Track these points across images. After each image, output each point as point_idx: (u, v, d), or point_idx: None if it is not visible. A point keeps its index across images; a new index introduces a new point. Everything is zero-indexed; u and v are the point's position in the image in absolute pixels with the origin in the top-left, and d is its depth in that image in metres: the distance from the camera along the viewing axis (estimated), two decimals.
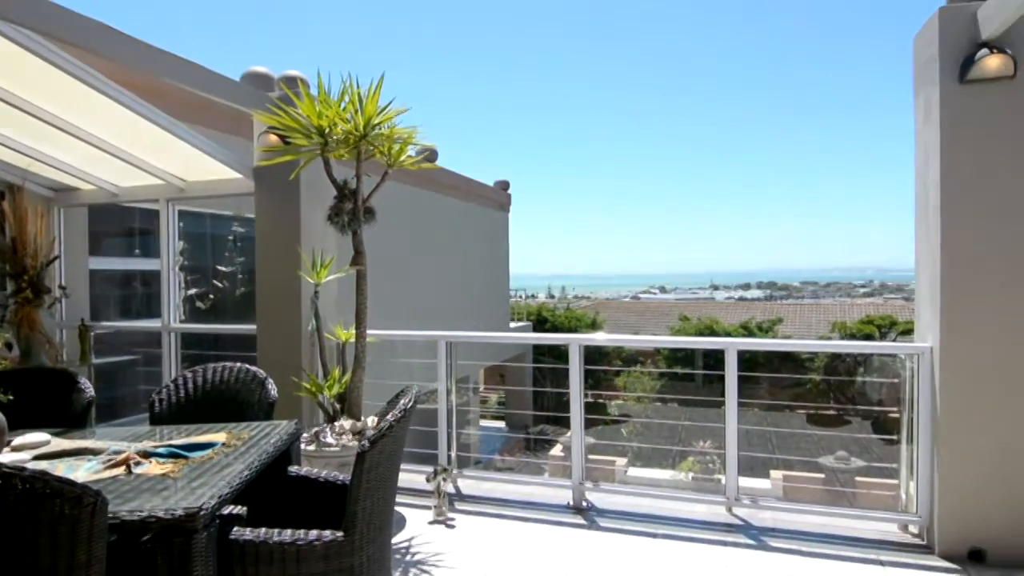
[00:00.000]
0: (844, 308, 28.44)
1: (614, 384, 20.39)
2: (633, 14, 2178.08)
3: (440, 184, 13.46)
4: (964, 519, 3.21)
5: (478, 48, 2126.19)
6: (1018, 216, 3.14)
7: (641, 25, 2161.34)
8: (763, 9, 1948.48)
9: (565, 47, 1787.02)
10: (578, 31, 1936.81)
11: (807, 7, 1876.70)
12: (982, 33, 3.15)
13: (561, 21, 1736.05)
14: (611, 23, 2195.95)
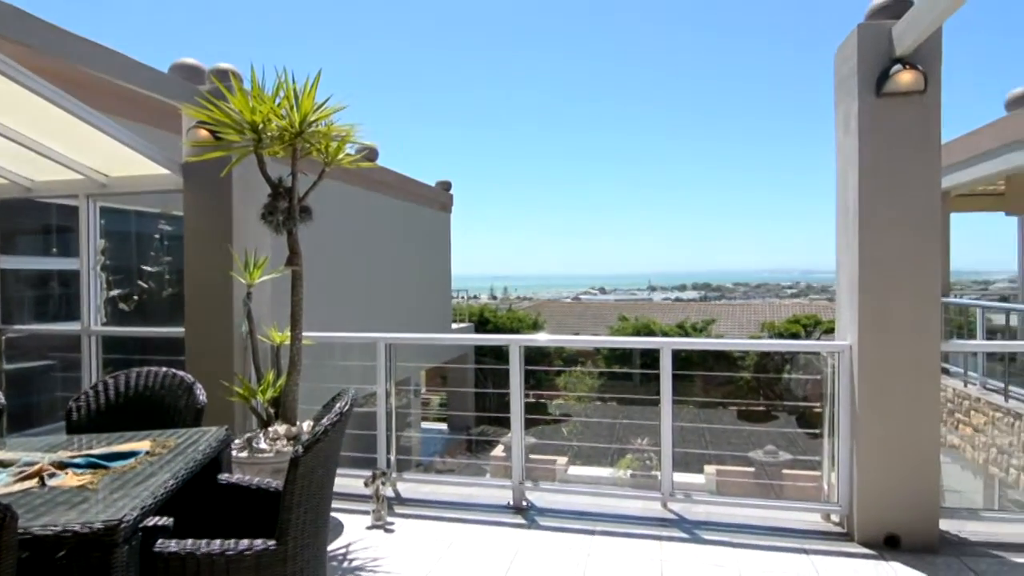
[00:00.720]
0: (773, 308, 29.69)
1: (555, 384, 20.60)
2: (580, 17, 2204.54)
3: (380, 183, 13.27)
4: (880, 507, 3.41)
5: (424, 49, 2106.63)
6: (926, 222, 3.36)
7: (587, 28, 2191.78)
8: (702, 16, 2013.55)
9: (511, 49, 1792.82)
10: (525, 32, 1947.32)
11: (735, 16, 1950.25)
12: (896, 49, 3.35)
13: (506, 23, 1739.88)
14: (559, 25, 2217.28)
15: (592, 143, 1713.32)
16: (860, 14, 3.61)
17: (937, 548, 3.33)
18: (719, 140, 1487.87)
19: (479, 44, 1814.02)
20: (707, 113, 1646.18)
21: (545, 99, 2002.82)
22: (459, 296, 23.39)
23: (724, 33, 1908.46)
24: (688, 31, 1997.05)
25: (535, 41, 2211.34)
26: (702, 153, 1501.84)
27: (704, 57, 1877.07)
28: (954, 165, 9.12)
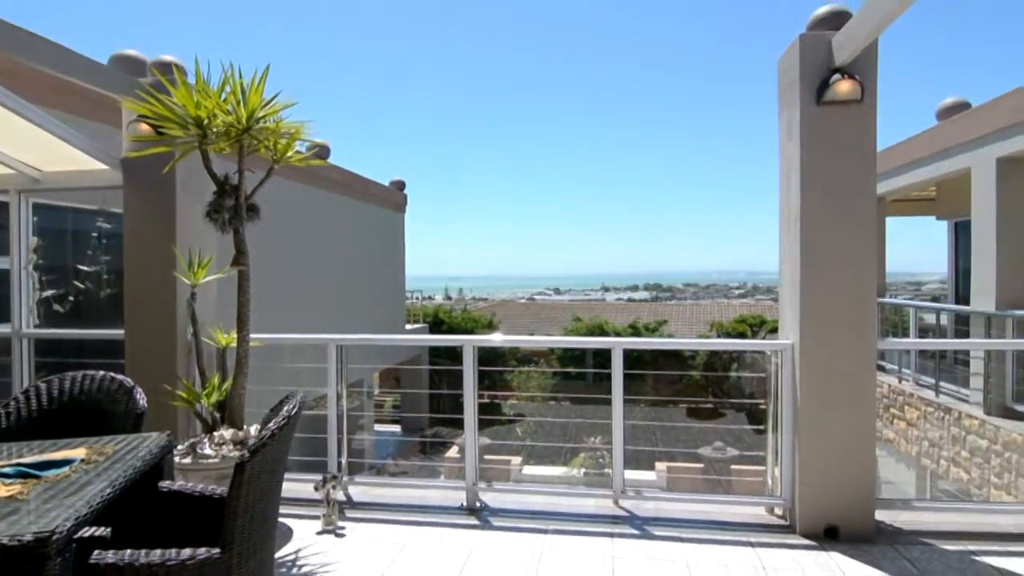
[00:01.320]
0: (721, 308, 30.48)
1: (510, 384, 20.65)
2: (531, 18, 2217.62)
3: (332, 182, 13.05)
4: (820, 500, 3.54)
5: (379, 48, 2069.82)
6: (863, 225, 3.51)
7: (539, 28, 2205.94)
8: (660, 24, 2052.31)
9: (466, 47, 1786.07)
10: (479, 31, 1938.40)
11: (688, 17, 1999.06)
12: (836, 60, 3.49)
13: (460, 21, 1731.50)
14: (512, 25, 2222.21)
15: (545, 145, 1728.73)
16: (802, 24, 3.75)
17: (873, 538, 3.48)
18: (670, 143, 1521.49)
19: (434, 42, 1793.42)
20: (656, 116, 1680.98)
21: (497, 101, 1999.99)
22: (413, 297, 23.19)
23: (679, 34, 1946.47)
24: (645, 31, 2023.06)
25: (490, 41, 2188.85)
26: (654, 156, 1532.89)
27: (656, 59, 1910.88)
28: (890, 171, 9.56)
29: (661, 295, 78.12)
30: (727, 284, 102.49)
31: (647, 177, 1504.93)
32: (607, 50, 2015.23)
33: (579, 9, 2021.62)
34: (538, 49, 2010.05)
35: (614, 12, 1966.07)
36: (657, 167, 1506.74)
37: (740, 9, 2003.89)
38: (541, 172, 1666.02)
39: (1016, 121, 6.64)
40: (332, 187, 13.05)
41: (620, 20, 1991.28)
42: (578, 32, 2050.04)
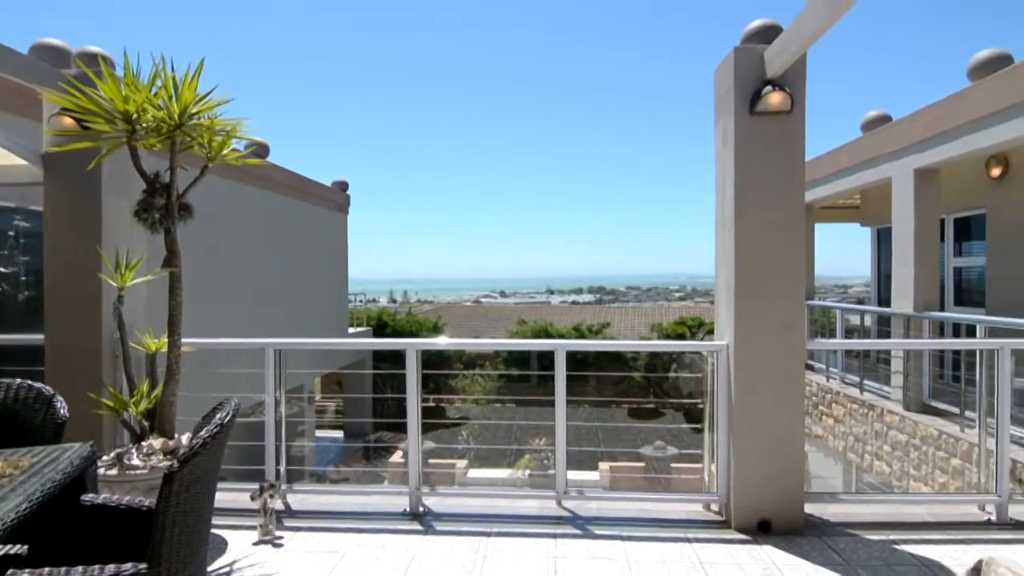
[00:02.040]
0: (662, 310, 31.25)
1: (455, 387, 20.56)
2: (474, 25, 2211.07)
3: (272, 182, 12.70)
4: (753, 495, 3.67)
5: (324, 50, 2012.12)
6: (793, 231, 3.67)
7: (482, 38, 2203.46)
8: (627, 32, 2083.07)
9: (411, 49, 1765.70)
10: (427, 33, 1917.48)
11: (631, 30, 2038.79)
12: (767, 72, 3.64)
13: (402, 26, 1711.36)
14: (454, 33, 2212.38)
15: (492, 149, 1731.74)
16: (737, 36, 3.89)
17: (803, 530, 3.63)
18: (617, 147, 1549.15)
19: (383, 40, 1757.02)
20: (604, 122, 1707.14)
21: (444, 103, 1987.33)
22: (357, 300, 22.77)
23: (623, 42, 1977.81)
24: (589, 40, 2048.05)
25: (438, 41, 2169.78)
26: (600, 160, 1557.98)
27: (601, 64, 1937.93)
28: (818, 180, 10.03)
29: (605, 298, 79.46)
30: (668, 287, 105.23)
31: (593, 182, 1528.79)
32: (553, 53, 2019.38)
33: (518, 18, 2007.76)
34: (486, 49, 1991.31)
35: (560, 24, 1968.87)
36: (603, 172, 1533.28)
37: (682, 15, 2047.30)
38: (488, 175, 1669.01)
39: (931, 134, 7.08)
40: (272, 187, 12.71)
41: (565, 24, 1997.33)
42: (526, 33, 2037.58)
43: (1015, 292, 7.62)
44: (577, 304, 49.86)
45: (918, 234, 7.36)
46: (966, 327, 7.11)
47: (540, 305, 46.92)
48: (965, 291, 8.87)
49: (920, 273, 7.34)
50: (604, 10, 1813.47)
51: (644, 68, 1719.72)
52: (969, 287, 8.80)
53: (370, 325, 21.06)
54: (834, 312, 9.69)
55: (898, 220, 7.69)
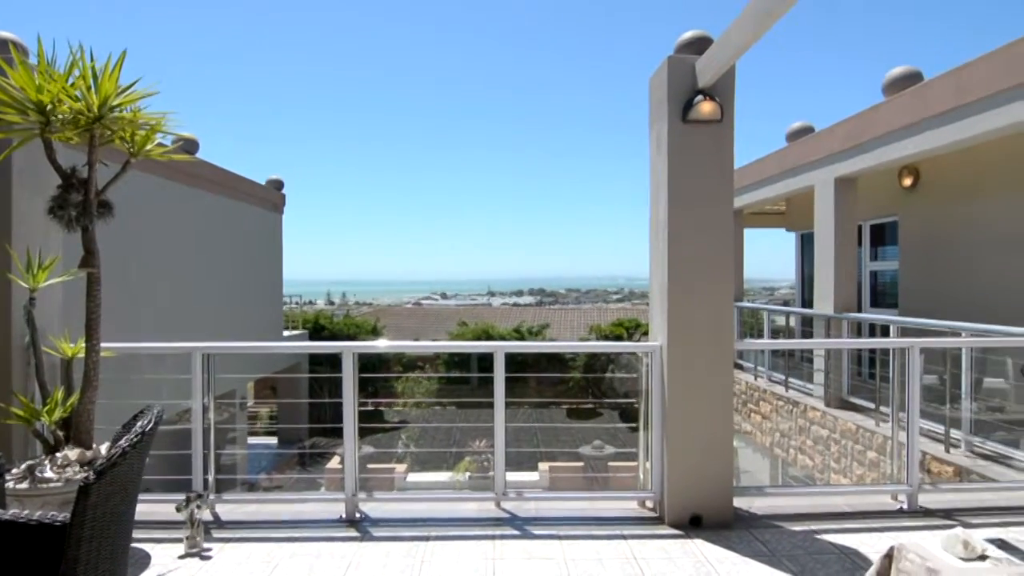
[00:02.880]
0: (601, 312, 31.82)
1: (395, 391, 20.29)
2: (414, 28, 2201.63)
3: (201, 179, 12.21)
4: (686, 492, 3.79)
5: (267, 51, 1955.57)
6: (722, 235, 3.81)
7: (418, 40, 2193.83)
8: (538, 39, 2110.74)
9: (349, 48, 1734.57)
10: (368, 32, 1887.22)
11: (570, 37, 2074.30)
12: (699, 82, 3.77)
13: (346, 21, 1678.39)
14: (391, 35, 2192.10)
15: (434, 151, 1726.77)
16: (670, 46, 4.02)
17: (732, 523, 3.77)
18: (557, 152, 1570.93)
19: (326, 39, 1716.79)
20: (545, 126, 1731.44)
21: (382, 105, 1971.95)
22: (292, 302, 22.17)
23: (567, 48, 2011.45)
24: (530, 43, 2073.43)
25: (379, 40, 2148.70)
26: (542, 164, 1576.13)
27: (537, 70, 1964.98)
28: (747, 186, 10.45)
29: (545, 300, 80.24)
30: (607, 289, 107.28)
31: (535, 185, 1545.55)
32: (497, 56, 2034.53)
33: (458, 22, 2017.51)
34: (429, 50, 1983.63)
35: (499, 18, 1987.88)
36: (543, 175, 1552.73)
37: (621, 19, 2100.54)
38: (430, 177, 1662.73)
39: (849, 146, 7.50)
40: (201, 184, 12.21)
41: (506, 27, 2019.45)
42: (467, 33, 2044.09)
43: (925, 294, 8.16)
44: (518, 306, 50.16)
45: (837, 240, 7.78)
46: (881, 327, 7.56)
47: (481, 307, 46.91)
48: (880, 293, 9.44)
49: (839, 276, 7.76)
50: (552, 14, 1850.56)
51: (582, 72, 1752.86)
52: (884, 290, 9.36)
53: (306, 328, 20.54)
54: (762, 313, 10.12)
55: (819, 226, 8.10)
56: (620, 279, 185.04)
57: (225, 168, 13.34)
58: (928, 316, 6.91)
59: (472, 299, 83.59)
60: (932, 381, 5.64)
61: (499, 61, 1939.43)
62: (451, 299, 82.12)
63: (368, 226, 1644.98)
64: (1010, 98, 5.05)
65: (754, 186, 10.21)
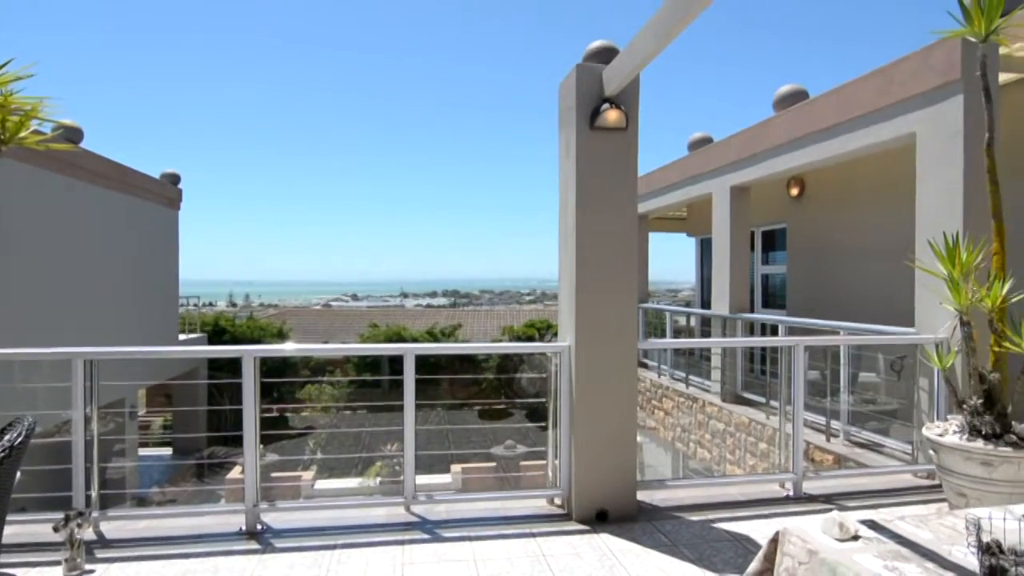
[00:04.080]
0: (514, 313, 32.11)
1: (302, 396, 19.57)
2: (337, 23, 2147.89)
3: (86, 171, 11.28)
4: (592, 487, 3.90)
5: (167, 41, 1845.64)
6: (626, 239, 3.96)
7: (342, 33, 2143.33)
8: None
9: (251, 45, 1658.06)
10: (277, 28, 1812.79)
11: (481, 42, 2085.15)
12: (606, 90, 3.89)
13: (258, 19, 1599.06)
14: (317, 25, 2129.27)
15: (347, 152, 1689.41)
16: (579, 54, 4.13)
17: (636, 516, 3.92)
18: (469, 154, 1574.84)
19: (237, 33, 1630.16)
20: (456, 128, 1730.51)
21: (291, 105, 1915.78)
22: (190, 303, 20.88)
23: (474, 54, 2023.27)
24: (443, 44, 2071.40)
25: (286, 44, 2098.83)
26: (455, 166, 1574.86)
27: (450, 72, 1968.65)
28: (651, 193, 10.90)
29: (459, 301, 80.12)
30: (519, 291, 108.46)
31: (449, 186, 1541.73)
32: (406, 56, 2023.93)
33: (363, 25, 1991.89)
34: (338, 50, 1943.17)
35: (400, 37, 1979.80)
36: (457, 176, 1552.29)
37: (533, 23, 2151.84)
38: (342, 176, 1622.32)
39: (744, 156, 7.99)
40: (84, 176, 11.28)
41: (417, 25, 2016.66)
42: (375, 32, 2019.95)
43: (809, 296, 8.82)
44: (432, 307, 49.76)
45: (733, 244, 8.26)
46: (770, 327, 8.10)
47: (394, 308, 46.16)
48: (771, 295, 10.12)
49: (734, 279, 8.24)
50: (460, 15, 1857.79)
51: (495, 76, 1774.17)
52: (774, 291, 10.04)
53: (205, 331, 19.42)
54: (665, 314, 10.58)
55: (717, 232, 8.57)
56: (533, 281, 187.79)
57: (113, 160, 12.40)
58: (812, 316, 7.48)
59: (384, 300, 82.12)
60: (815, 376, 6.11)
61: (412, 58, 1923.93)
62: (362, 300, 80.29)
63: (276, 225, 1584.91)
64: (882, 117, 5.56)
65: (659, 192, 10.67)
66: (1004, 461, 3.56)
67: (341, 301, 74.28)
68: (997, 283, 3.80)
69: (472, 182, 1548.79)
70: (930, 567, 2.09)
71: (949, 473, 3.80)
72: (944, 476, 3.87)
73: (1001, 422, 3.70)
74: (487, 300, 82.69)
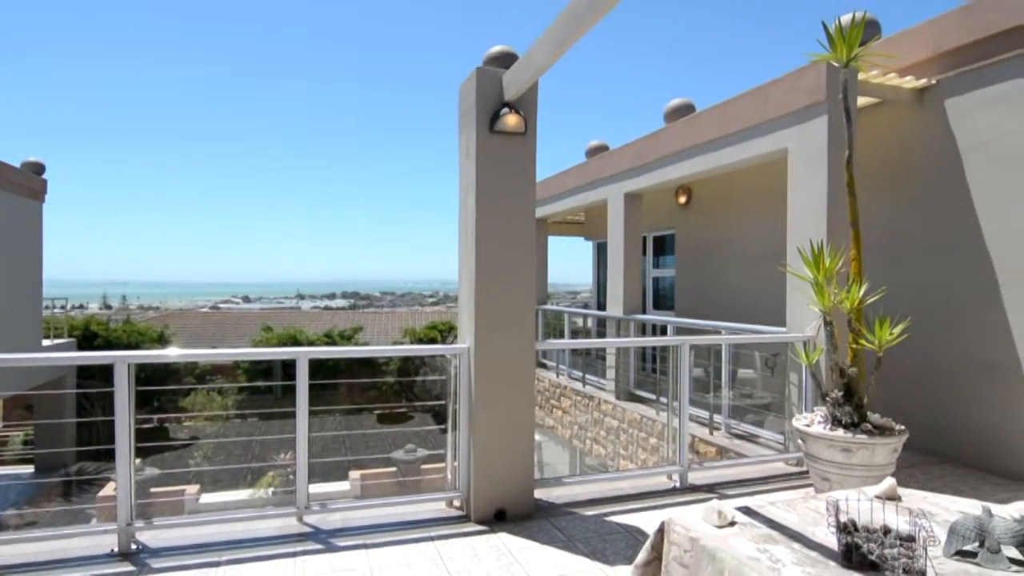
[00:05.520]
0: (416, 315, 31.74)
1: (187, 404, 18.32)
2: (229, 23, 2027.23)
3: None
4: (491, 488, 3.94)
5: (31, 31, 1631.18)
6: (524, 242, 4.03)
7: (237, 34, 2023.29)
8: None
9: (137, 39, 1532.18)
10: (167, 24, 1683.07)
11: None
12: (506, 95, 3.95)
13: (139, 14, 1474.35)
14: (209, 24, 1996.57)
15: (238, 148, 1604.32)
16: (479, 57, 4.16)
17: (533, 514, 4.00)
18: (369, 154, 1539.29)
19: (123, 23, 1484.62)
20: (352, 127, 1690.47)
21: (176, 98, 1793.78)
22: (56, 306, 18.98)
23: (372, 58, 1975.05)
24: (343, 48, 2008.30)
25: (174, 38, 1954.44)
26: (355, 167, 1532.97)
27: (353, 67, 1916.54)
28: (551, 197, 11.15)
29: (359, 303, 78.22)
30: (422, 292, 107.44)
31: (350, 185, 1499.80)
32: (319, 47, 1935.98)
33: (254, 21, 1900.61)
34: (228, 48, 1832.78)
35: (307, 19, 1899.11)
36: (357, 177, 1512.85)
37: (433, 26, 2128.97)
38: (231, 168, 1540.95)
39: (637, 164, 8.34)
40: None
41: (315, 30, 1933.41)
42: (274, 32, 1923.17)
43: (695, 298, 9.35)
44: (330, 309, 48.14)
45: (626, 249, 8.62)
46: (661, 327, 8.52)
47: (289, 311, 44.27)
48: (661, 297, 10.64)
49: (627, 282, 8.60)
50: (364, 10, 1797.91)
51: (397, 73, 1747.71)
52: (664, 294, 10.57)
53: (74, 336, 17.73)
54: (563, 315, 10.86)
55: (612, 236, 8.90)
56: (436, 282, 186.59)
57: None
58: (698, 317, 7.94)
59: (279, 302, 78.65)
60: (700, 373, 6.49)
61: (320, 53, 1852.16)
62: (255, 302, 76.53)
63: (157, 222, 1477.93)
64: (760, 132, 6.00)
65: (558, 197, 10.93)
66: (861, 447, 3.94)
67: (231, 303, 70.40)
68: (855, 286, 4.21)
69: (373, 179, 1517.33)
70: (796, 548, 2.28)
71: (815, 460, 4.16)
72: (811, 463, 4.23)
73: (858, 412, 4.10)
74: (388, 302, 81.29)
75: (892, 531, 2.15)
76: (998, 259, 4.95)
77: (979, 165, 5.09)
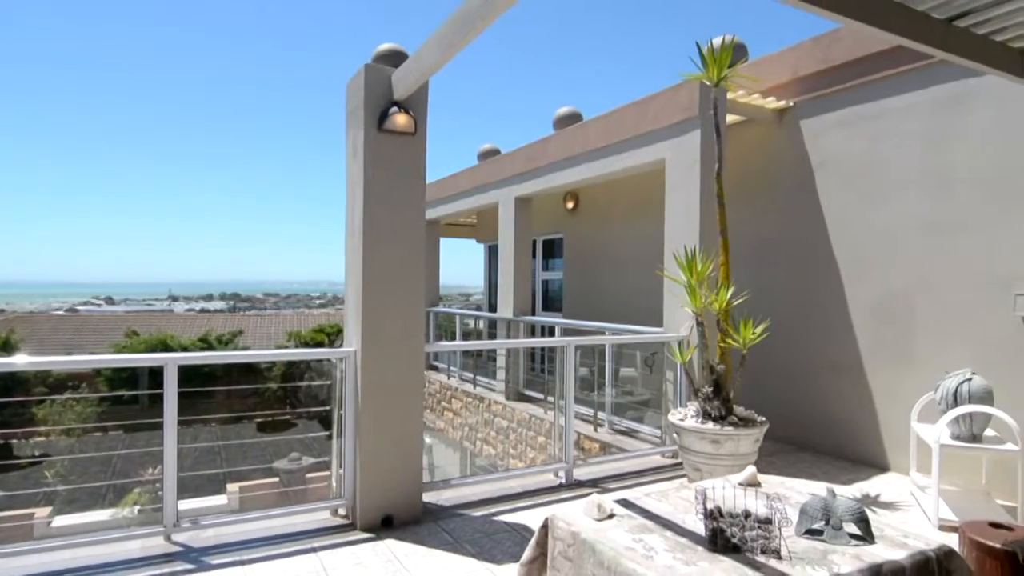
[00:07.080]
0: (302, 318, 30.48)
1: (36, 418, 16.44)
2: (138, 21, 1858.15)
3: None
4: (378, 494, 3.86)
5: None
6: (413, 243, 3.99)
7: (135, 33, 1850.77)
8: None
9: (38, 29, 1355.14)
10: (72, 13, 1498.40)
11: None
12: (395, 94, 3.89)
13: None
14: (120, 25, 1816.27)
15: (110, 139, 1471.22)
16: (368, 54, 4.07)
17: (422, 518, 3.96)
18: (254, 152, 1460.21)
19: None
20: (238, 125, 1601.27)
21: (33, 89, 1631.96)
22: None
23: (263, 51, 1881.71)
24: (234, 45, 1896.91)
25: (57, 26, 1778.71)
26: (229, 160, 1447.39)
27: (232, 65, 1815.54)
28: (443, 199, 11.12)
29: (240, 305, 73.95)
30: (309, 294, 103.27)
31: (230, 181, 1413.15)
32: (205, 44, 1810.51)
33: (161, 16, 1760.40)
34: (100, 46, 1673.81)
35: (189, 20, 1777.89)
36: (241, 176, 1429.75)
37: (317, 24, 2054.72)
38: (90, 160, 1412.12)
39: (527, 169, 8.52)
40: None
41: (202, 30, 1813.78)
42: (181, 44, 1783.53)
43: (581, 300, 9.68)
44: (207, 311, 45.04)
45: (517, 252, 8.77)
46: (549, 328, 8.74)
47: (160, 313, 40.98)
48: (550, 299, 10.91)
49: (517, 284, 8.75)
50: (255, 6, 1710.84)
51: (285, 71, 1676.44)
52: (553, 296, 10.85)
53: None
54: (455, 317, 10.86)
55: (503, 239, 9.03)
56: (323, 284, 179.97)
57: None
58: (584, 319, 8.22)
59: (148, 304, 72.63)
60: (585, 373, 6.73)
61: (205, 49, 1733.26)
62: (119, 304, 70.21)
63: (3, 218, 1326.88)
64: (640, 143, 6.32)
65: (450, 199, 10.92)
66: (728, 438, 4.25)
67: (91, 305, 64.10)
68: (723, 289, 4.54)
69: (257, 176, 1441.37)
70: (668, 535, 2.42)
71: (688, 452, 4.44)
72: (684, 454, 4.51)
73: (726, 406, 4.43)
74: (272, 304, 77.46)
75: (752, 515, 2.34)
76: (842, 264, 5.53)
77: (826, 180, 5.67)
